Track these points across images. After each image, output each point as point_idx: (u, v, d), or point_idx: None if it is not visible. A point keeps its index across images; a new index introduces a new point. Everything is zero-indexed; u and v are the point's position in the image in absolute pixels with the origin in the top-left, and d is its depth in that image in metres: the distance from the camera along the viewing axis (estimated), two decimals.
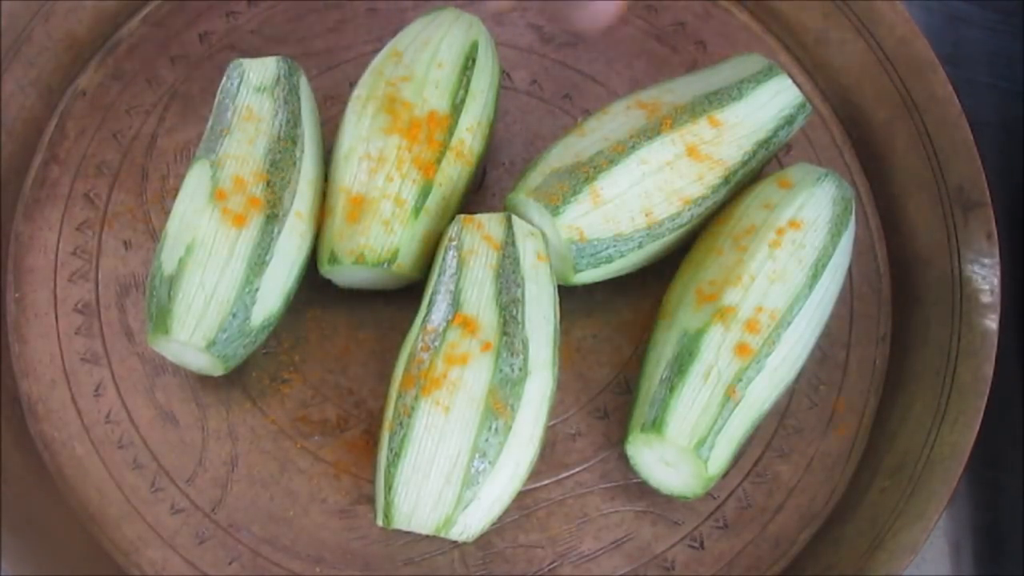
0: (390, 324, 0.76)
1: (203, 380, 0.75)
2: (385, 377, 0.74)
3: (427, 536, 0.69)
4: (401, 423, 0.65)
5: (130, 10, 0.86)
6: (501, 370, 0.65)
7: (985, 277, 0.74)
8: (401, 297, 0.76)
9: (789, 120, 0.77)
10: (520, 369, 0.66)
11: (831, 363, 0.77)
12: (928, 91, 0.80)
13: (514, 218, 0.71)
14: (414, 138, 0.72)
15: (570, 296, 0.77)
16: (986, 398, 0.70)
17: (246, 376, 0.75)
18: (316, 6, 0.86)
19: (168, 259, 0.69)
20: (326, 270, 0.73)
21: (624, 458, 0.72)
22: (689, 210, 0.73)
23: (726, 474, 0.73)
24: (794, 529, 0.73)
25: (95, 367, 0.75)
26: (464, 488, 0.64)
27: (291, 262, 0.71)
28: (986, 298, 0.73)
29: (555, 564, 0.71)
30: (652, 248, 0.74)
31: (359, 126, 0.74)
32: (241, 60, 0.76)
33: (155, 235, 0.79)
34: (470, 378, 0.65)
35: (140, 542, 0.71)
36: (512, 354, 0.66)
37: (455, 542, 0.70)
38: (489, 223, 0.71)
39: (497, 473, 0.65)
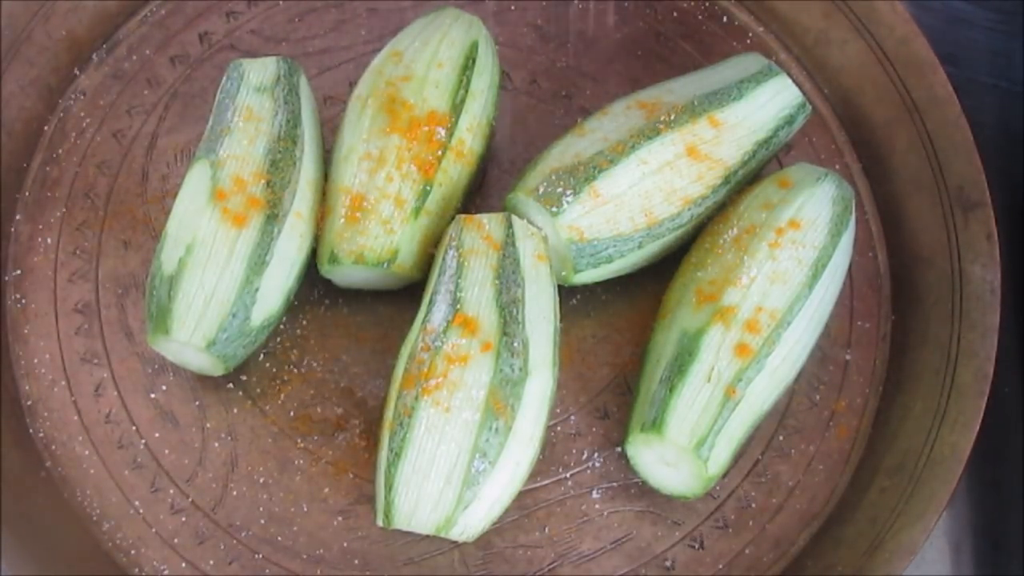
0: (390, 324, 0.76)
1: (203, 380, 0.75)
2: (385, 377, 0.75)
3: (427, 536, 0.69)
4: (401, 423, 0.65)
5: (130, 10, 0.86)
6: (501, 370, 0.65)
7: (985, 277, 0.74)
8: (401, 297, 0.76)
9: (789, 120, 0.77)
10: (520, 369, 0.66)
11: (831, 363, 0.77)
12: (928, 91, 0.80)
13: (514, 218, 0.71)
14: (414, 138, 0.72)
15: (570, 296, 0.77)
16: (986, 398, 0.70)
17: (246, 376, 0.75)
18: (316, 6, 0.86)
19: (168, 259, 0.69)
20: (326, 270, 0.73)
21: (624, 458, 0.72)
22: (689, 210, 0.73)
23: (726, 474, 0.73)
24: (794, 529, 0.73)
25: (95, 367, 0.75)
26: (464, 488, 0.64)
27: (291, 262, 0.71)
28: (986, 298, 0.73)
29: (555, 564, 0.71)
30: (652, 248, 0.74)
31: (359, 126, 0.74)
32: (241, 60, 0.76)
33: (155, 235, 0.79)
34: (470, 378, 0.65)
35: (140, 542, 0.71)
36: (512, 354, 0.66)
37: (455, 542, 0.70)
38: (489, 223, 0.71)
39: (497, 473, 0.65)
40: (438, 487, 0.64)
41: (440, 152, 0.73)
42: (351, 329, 0.77)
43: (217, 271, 0.68)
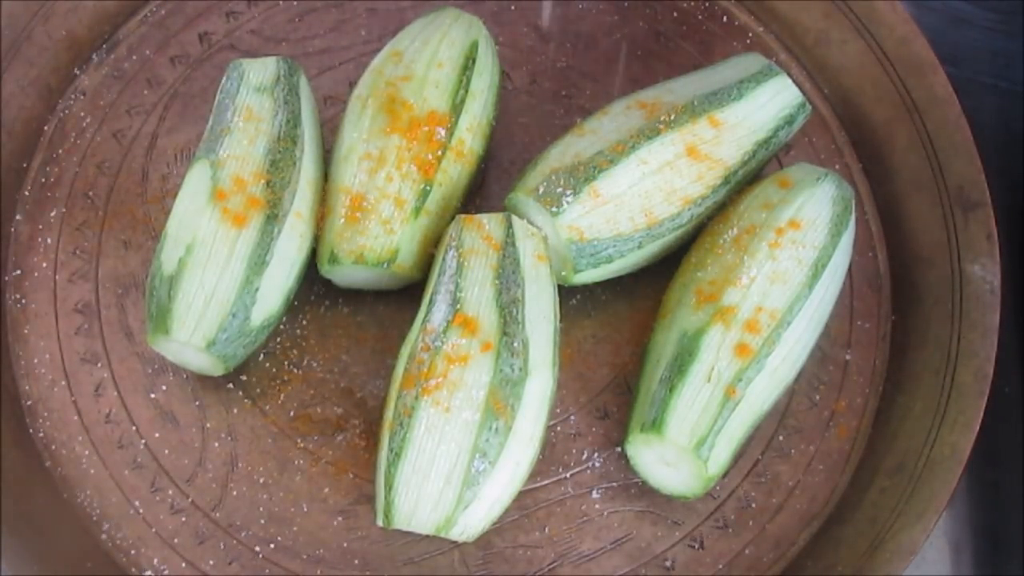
0: (390, 324, 0.76)
1: (203, 380, 0.75)
2: (385, 377, 0.75)
3: (427, 536, 0.69)
4: (401, 423, 0.65)
5: (130, 10, 0.86)
6: (501, 370, 0.65)
7: (985, 277, 0.74)
8: (401, 297, 0.76)
9: (789, 120, 0.77)
10: (520, 369, 0.66)
11: (831, 363, 0.77)
12: (928, 91, 0.80)
13: (514, 218, 0.71)
14: (414, 138, 0.72)
15: (570, 296, 0.77)
16: (986, 398, 0.70)
17: (246, 376, 0.75)
18: (316, 6, 0.86)
19: (168, 259, 0.69)
20: (326, 270, 0.73)
21: (624, 458, 0.72)
22: (689, 210, 0.73)
23: (726, 474, 0.73)
24: (794, 529, 0.73)
25: (95, 367, 0.75)
26: (464, 488, 0.64)
27: (291, 262, 0.71)
28: (986, 298, 0.73)
29: (555, 564, 0.71)
30: (652, 248, 0.74)
31: (359, 126, 0.74)
32: (241, 60, 0.76)
33: (155, 235, 0.79)
34: (470, 378, 0.65)
35: (140, 542, 0.71)
36: (512, 354, 0.66)
37: (455, 542, 0.70)
38: (489, 223, 0.71)
39: (497, 473, 0.65)
40: (438, 487, 0.64)
41: (440, 152, 0.73)
42: (351, 329, 0.77)
43: (217, 271, 0.68)
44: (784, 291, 0.70)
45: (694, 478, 0.68)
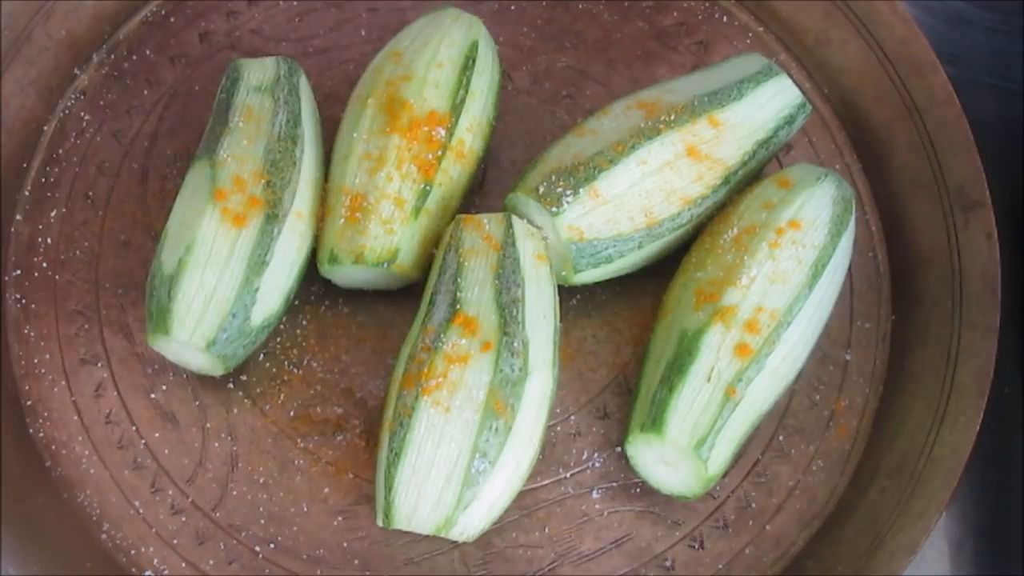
0: (390, 324, 0.76)
1: (203, 380, 0.75)
2: (385, 377, 0.75)
3: (427, 536, 0.69)
4: (401, 423, 0.65)
5: (130, 10, 0.86)
6: (501, 370, 0.65)
7: (985, 277, 0.74)
8: (401, 297, 0.76)
9: (789, 120, 0.77)
10: (520, 369, 0.66)
11: (831, 363, 0.77)
12: (928, 91, 0.80)
13: (514, 218, 0.71)
14: (414, 138, 0.72)
15: (570, 296, 0.77)
16: (986, 398, 0.70)
17: (246, 376, 0.75)
18: (316, 6, 0.86)
19: (168, 259, 0.69)
20: (326, 270, 0.73)
21: (624, 458, 0.72)
22: (689, 210, 0.73)
23: (726, 474, 0.73)
24: (794, 529, 0.73)
25: (95, 367, 0.75)
26: (464, 488, 0.64)
27: (291, 262, 0.71)
28: (986, 298, 0.73)
29: (555, 564, 0.71)
30: (652, 248, 0.74)
31: (359, 126, 0.74)
32: (241, 60, 0.77)
33: (155, 235, 0.79)
34: (470, 378, 0.65)
35: (140, 542, 0.71)
36: (512, 354, 0.66)
37: (455, 542, 0.70)
38: (489, 223, 0.71)
39: (497, 473, 0.65)
40: (438, 487, 0.64)
41: (440, 152, 0.73)
42: (351, 329, 0.77)
43: (217, 271, 0.68)
44: (784, 291, 0.70)
45: (694, 478, 0.68)
